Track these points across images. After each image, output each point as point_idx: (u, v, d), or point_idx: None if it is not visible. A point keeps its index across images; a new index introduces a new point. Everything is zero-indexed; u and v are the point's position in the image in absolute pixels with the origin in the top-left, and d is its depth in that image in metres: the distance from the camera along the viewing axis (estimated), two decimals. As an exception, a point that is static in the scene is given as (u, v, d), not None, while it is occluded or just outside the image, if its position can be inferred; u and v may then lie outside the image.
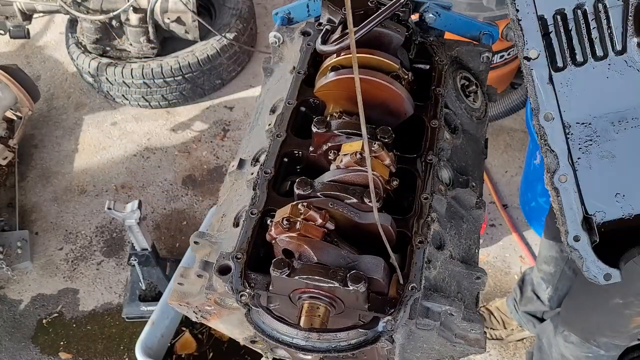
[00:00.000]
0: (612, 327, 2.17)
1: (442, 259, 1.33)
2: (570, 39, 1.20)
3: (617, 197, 1.28)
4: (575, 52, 1.21)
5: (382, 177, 1.28)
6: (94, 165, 3.85)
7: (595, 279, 1.27)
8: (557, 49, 1.21)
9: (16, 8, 3.77)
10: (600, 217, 1.29)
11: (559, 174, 1.23)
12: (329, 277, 1.11)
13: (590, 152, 1.26)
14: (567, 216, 1.25)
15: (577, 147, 1.26)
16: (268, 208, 1.29)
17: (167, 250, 3.42)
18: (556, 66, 1.22)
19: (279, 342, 1.24)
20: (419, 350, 1.39)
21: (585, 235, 1.25)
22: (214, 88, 4.15)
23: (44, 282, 3.34)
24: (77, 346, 3.11)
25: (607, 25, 1.20)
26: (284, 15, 1.85)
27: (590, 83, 1.23)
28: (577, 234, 1.25)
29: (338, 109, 1.45)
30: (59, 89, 4.31)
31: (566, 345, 2.34)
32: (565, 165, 1.23)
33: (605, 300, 2.10)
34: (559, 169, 1.23)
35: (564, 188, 1.24)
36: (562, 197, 1.24)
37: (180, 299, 1.42)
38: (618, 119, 1.25)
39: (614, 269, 1.27)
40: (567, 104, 1.23)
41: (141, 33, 3.83)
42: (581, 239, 1.25)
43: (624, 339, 2.22)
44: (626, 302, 2.03)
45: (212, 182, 3.73)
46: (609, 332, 2.19)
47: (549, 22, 1.19)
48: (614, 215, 1.29)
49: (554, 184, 1.24)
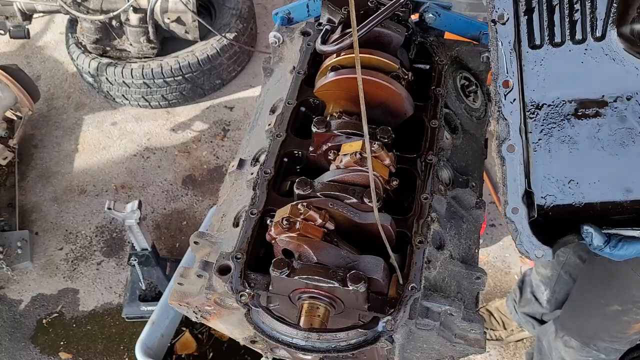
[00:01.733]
0: (611, 332, 2.17)
1: (442, 259, 1.33)
2: (552, 18, 1.20)
3: (571, 184, 1.28)
4: (555, 32, 1.21)
5: (382, 177, 1.28)
6: (94, 165, 3.85)
7: (527, 253, 1.25)
8: (537, 26, 1.21)
9: (16, 8, 3.77)
10: (550, 201, 1.28)
11: (507, 143, 1.22)
12: (329, 277, 1.11)
13: (552, 134, 1.25)
14: (509, 187, 1.23)
15: (540, 128, 1.25)
16: (268, 208, 1.29)
17: (167, 250, 3.42)
18: (534, 43, 1.21)
19: (279, 342, 1.24)
20: (419, 350, 1.39)
21: (524, 209, 1.23)
22: (214, 88, 4.15)
23: (44, 282, 3.34)
24: (77, 346, 3.11)
25: (592, 9, 1.19)
26: (284, 15, 1.85)
27: (564, 65, 1.22)
28: (516, 206, 1.23)
29: (338, 109, 1.45)
30: (59, 89, 4.30)
31: (566, 349, 2.35)
32: (515, 136, 1.22)
33: (603, 307, 2.10)
34: (508, 138, 1.21)
35: (510, 158, 1.22)
36: (507, 167, 1.23)
37: (180, 299, 1.42)
38: (585, 106, 1.24)
39: (546, 247, 1.25)
40: (538, 83, 1.23)
41: (141, 33, 3.83)
42: (519, 212, 1.23)
43: (623, 344, 2.22)
44: (624, 309, 2.03)
45: (212, 182, 3.73)
46: (608, 337, 2.20)
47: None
48: (564, 200, 1.28)
49: (501, 152, 1.22)
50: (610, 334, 2.18)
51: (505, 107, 1.21)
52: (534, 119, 1.25)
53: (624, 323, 2.09)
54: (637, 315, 2.03)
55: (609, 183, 1.27)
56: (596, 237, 1.24)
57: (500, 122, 1.22)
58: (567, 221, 1.29)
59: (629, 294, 1.99)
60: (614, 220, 1.29)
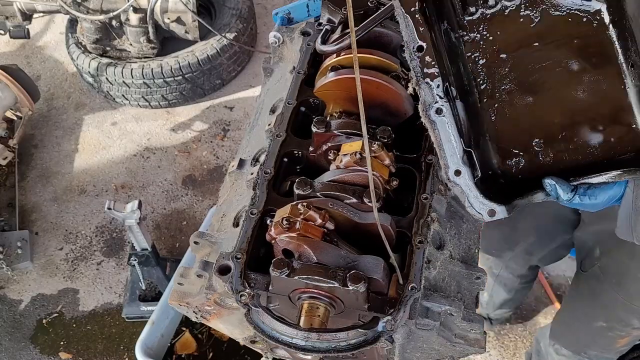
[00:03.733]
0: (599, 345, 2.21)
1: (442, 259, 1.33)
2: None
3: (537, 143, 1.24)
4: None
5: (382, 177, 1.28)
6: (94, 165, 3.85)
7: (479, 215, 1.20)
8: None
9: (16, 8, 3.77)
10: (517, 165, 1.25)
11: (435, 107, 1.17)
12: (329, 277, 1.11)
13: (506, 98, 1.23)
14: (446, 149, 1.18)
15: (495, 93, 1.23)
16: (268, 208, 1.29)
17: (167, 250, 3.42)
18: (469, 11, 1.20)
19: (279, 342, 1.24)
20: (419, 350, 1.39)
21: (466, 169, 1.18)
22: (214, 88, 4.15)
23: (44, 282, 3.34)
24: (77, 346, 3.11)
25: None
26: (284, 15, 1.85)
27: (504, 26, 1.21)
28: (457, 168, 1.18)
29: (338, 109, 1.45)
30: (59, 89, 4.31)
31: (558, 358, 2.37)
32: (440, 96, 1.17)
33: (590, 322, 2.13)
34: (434, 101, 1.17)
35: (440, 121, 1.17)
36: (440, 130, 1.18)
37: (180, 299, 1.42)
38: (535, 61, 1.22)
39: (499, 205, 1.19)
40: (478, 49, 1.21)
41: (141, 33, 3.83)
42: (462, 173, 1.18)
43: (613, 354, 2.26)
44: (609, 326, 2.05)
45: (212, 182, 3.73)
46: (598, 349, 2.23)
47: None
48: (531, 160, 1.25)
49: (430, 117, 1.17)
50: (599, 346, 2.22)
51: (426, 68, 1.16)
52: (486, 85, 1.22)
53: (611, 338, 2.11)
54: (622, 332, 2.06)
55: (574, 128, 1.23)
56: (560, 189, 1.18)
57: (422, 87, 1.17)
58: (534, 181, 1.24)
59: (614, 313, 2.01)
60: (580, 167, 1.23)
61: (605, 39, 1.19)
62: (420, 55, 1.16)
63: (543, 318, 3.12)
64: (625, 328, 2.03)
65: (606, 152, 1.22)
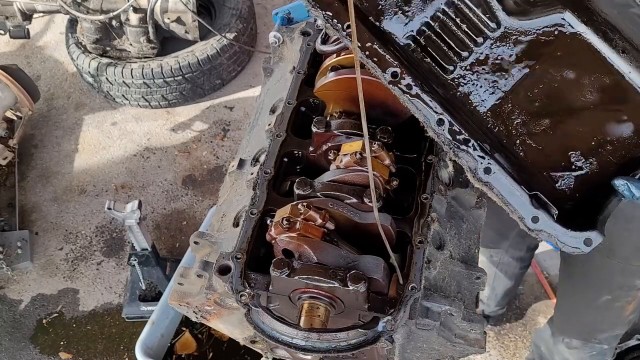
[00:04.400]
0: (609, 321, 2.21)
1: (442, 259, 1.33)
2: (446, 42, 1.22)
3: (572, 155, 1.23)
4: (458, 50, 1.22)
5: (382, 177, 1.28)
6: (94, 165, 3.85)
7: (577, 250, 1.17)
8: (439, 56, 1.22)
9: (16, 8, 3.77)
10: (568, 182, 1.23)
11: (481, 168, 1.16)
12: (329, 277, 1.11)
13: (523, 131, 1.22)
14: (513, 202, 1.17)
15: (512, 131, 1.23)
16: (268, 208, 1.29)
17: (167, 250, 3.42)
18: (448, 70, 1.22)
19: (279, 342, 1.24)
20: (419, 350, 1.39)
21: (542, 213, 1.16)
22: (214, 88, 4.15)
23: (44, 282, 3.34)
24: (77, 346, 3.11)
25: (471, 12, 1.21)
26: (284, 15, 1.85)
27: (486, 68, 1.22)
28: (533, 215, 1.17)
29: (338, 109, 1.45)
30: (59, 89, 4.30)
31: (570, 351, 2.38)
32: (482, 156, 1.16)
33: (594, 301, 2.13)
34: (479, 163, 1.16)
35: (494, 179, 1.16)
36: (497, 187, 1.16)
37: (180, 299, 1.42)
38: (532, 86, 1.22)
39: (591, 232, 1.16)
40: (476, 98, 1.22)
41: (141, 33, 3.83)
42: (540, 218, 1.17)
43: (622, 327, 2.27)
44: (614, 296, 2.06)
45: (212, 182, 3.73)
46: (607, 326, 2.23)
47: (419, 37, 1.20)
48: (579, 174, 1.23)
49: (482, 180, 1.17)
50: (608, 323, 2.22)
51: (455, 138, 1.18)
52: (499, 128, 1.23)
53: (618, 308, 2.12)
54: (628, 297, 2.07)
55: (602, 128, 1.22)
56: (633, 186, 1.14)
57: (460, 155, 1.17)
58: (598, 192, 1.22)
59: (613, 280, 2.02)
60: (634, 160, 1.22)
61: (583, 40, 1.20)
62: (444, 128, 1.17)
63: (543, 318, 3.12)
64: (630, 292, 2.04)
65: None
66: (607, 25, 1.20)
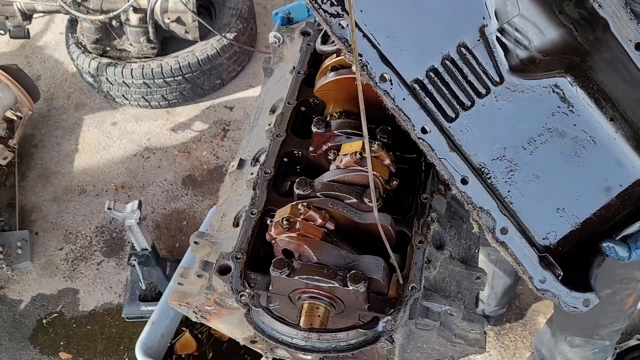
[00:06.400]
0: (610, 315, 2.22)
1: (442, 259, 1.33)
2: (451, 89, 1.23)
3: (559, 212, 1.30)
4: (461, 99, 1.24)
5: (382, 177, 1.28)
6: (94, 165, 3.85)
7: (576, 309, 1.27)
8: (444, 102, 1.23)
9: (16, 8, 3.77)
10: (552, 238, 1.29)
11: (498, 228, 1.22)
12: (329, 277, 1.11)
13: (516, 181, 1.27)
14: (524, 263, 1.24)
15: (503, 182, 1.26)
16: (268, 208, 1.29)
17: (167, 250, 3.42)
18: (450, 118, 1.24)
19: (279, 342, 1.24)
20: (419, 350, 1.39)
21: (549, 274, 1.25)
22: (214, 88, 4.15)
23: (44, 282, 3.34)
24: (77, 346, 3.11)
25: (477, 64, 1.23)
26: (284, 15, 1.85)
27: (486, 120, 1.25)
28: (541, 276, 1.25)
29: (338, 109, 1.45)
30: (59, 89, 4.31)
31: (573, 350, 2.38)
32: (500, 217, 1.22)
33: None
34: (496, 223, 1.22)
35: (509, 239, 1.23)
36: (512, 248, 1.23)
37: (180, 299, 1.42)
38: (526, 141, 1.27)
39: (589, 294, 1.27)
40: (475, 147, 1.25)
41: (141, 33, 3.83)
42: (547, 279, 1.25)
43: (622, 321, 2.28)
44: (614, 289, 2.07)
45: (212, 182, 3.73)
46: (608, 322, 2.24)
47: (425, 82, 1.21)
48: (564, 230, 1.30)
49: (498, 239, 1.23)
50: (609, 317, 2.23)
51: (476, 199, 1.21)
52: (493, 178, 1.26)
53: (619, 302, 2.13)
54: (628, 289, 2.08)
55: (588, 192, 1.30)
56: (619, 248, 1.25)
57: (480, 215, 1.22)
58: (580, 246, 1.30)
59: (613, 274, 2.03)
60: (617, 223, 1.30)
61: (579, 103, 1.28)
62: (470, 187, 1.21)
63: (543, 318, 3.12)
64: (630, 284, 2.04)
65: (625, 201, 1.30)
66: (600, 93, 1.27)
